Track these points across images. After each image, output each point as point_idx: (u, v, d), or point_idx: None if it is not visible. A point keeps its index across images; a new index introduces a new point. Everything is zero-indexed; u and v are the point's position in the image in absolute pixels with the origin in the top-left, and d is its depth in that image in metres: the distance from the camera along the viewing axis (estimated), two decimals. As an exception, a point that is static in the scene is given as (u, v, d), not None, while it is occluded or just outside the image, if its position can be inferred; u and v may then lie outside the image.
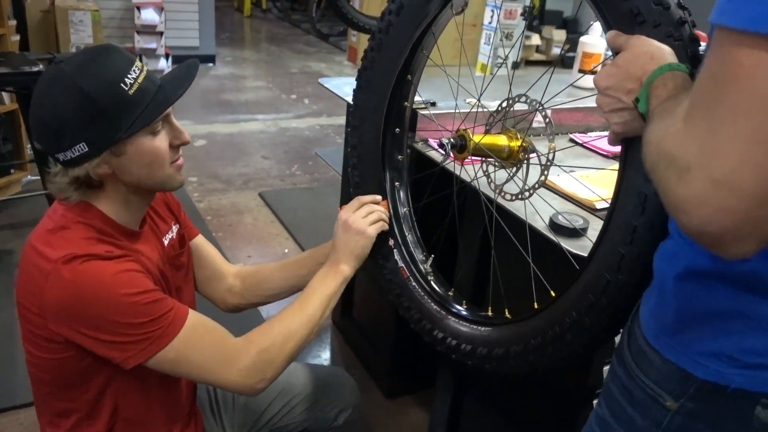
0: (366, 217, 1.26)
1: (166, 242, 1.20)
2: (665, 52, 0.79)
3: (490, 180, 1.19)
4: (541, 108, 1.08)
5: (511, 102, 1.12)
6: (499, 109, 1.14)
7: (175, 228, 1.26)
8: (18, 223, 2.99)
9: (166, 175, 1.07)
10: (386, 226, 1.29)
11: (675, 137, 0.58)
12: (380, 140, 1.32)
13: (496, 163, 1.18)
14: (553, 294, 1.05)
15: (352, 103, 1.37)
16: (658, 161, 0.60)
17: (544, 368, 1.06)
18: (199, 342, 1.04)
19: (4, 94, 3.13)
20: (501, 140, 1.15)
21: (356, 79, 1.34)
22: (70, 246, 0.98)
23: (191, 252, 1.32)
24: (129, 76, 0.99)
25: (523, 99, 1.11)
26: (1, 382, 2.03)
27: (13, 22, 3.55)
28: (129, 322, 0.98)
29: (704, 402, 0.72)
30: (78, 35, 4.60)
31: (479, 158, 1.19)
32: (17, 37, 3.51)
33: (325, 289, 1.19)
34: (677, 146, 0.57)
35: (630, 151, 0.86)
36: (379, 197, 1.32)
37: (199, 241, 1.36)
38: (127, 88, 0.98)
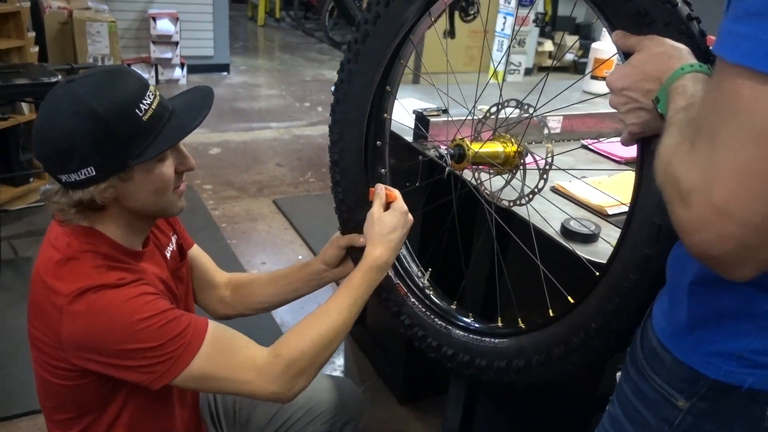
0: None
1: (168, 255, 1.20)
2: (683, 52, 0.78)
3: (483, 188, 1.16)
4: (534, 112, 1.07)
5: (499, 107, 1.10)
6: (488, 114, 1.12)
7: (174, 239, 1.25)
8: (38, 230, 3.04)
9: (168, 201, 1.07)
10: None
11: (681, 159, 0.59)
12: (362, 155, 1.28)
13: (491, 171, 1.15)
14: (571, 300, 1.04)
15: (330, 117, 1.32)
16: (666, 180, 0.61)
17: (567, 376, 1.05)
18: (222, 357, 1.03)
19: (24, 104, 3.18)
20: (497, 146, 1.13)
21: (333, 93, 1.29)
22: (81, 278, 0.97)
23: (189, 263, 1.31)
24: (143, 101, 0.97)
25: (512, 103, 1.09)
26: (20, 387, 2.05)
27: (32, 34, 3.61)
28: (147, 346, 0.97)
29: (715, 402, 0.73)
30: (95, 46, 4.67)
31: (475, 167, 1.16)
32: (36, 49, 3.57)
33: (363, 290, 1.15)
34: (682, 169, 0.58)
35: (647, 150, 0.85)
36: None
37: (195, 250, 1.36)
38: (141, 114, 0.97)
